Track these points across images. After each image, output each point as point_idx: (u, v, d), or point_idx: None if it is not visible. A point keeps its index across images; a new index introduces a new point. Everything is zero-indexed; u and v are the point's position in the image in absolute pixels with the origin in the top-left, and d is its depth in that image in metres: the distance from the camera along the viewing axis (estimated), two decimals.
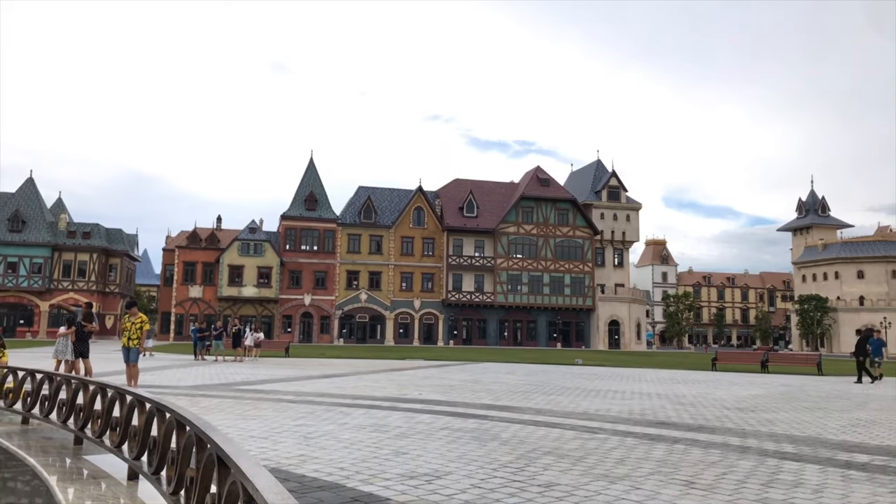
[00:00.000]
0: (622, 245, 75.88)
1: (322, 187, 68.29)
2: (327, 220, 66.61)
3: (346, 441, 7.63)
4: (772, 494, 5.47)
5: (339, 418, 9.62)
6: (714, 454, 7.35)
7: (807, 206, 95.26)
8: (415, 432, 8.43)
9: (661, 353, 64.28)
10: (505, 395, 14.10)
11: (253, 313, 63.47)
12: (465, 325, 69.08)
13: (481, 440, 7.91)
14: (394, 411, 10.63)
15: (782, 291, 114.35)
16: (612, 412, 11.29)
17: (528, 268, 69.81)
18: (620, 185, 75.95)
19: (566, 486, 5.61)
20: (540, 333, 69.94)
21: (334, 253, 66.48)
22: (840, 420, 10.99)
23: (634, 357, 44.41)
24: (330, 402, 11.92)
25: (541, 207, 70.89)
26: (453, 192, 72.07)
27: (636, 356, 46.75)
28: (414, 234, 68.49)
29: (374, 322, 67.06)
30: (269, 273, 64.16)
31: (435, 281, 68.40)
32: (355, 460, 6.51)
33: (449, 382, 17.30)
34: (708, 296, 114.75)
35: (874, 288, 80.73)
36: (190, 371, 20.30)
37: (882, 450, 7.98)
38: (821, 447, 8.06)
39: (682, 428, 9.51)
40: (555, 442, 7.92)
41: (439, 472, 6.02)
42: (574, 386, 17.08)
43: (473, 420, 9.78)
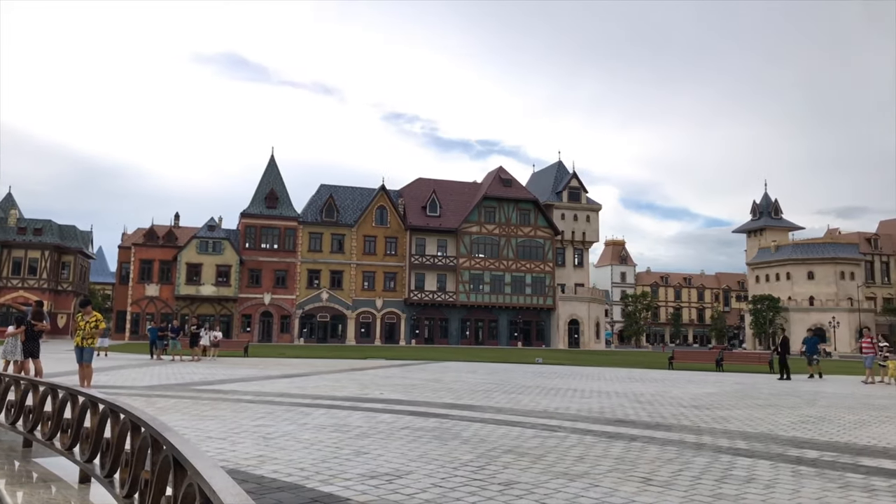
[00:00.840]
0: (582, 245, 76.78)
1: (283, 185, 67.55)
2: (288, 219, 65.91)
3: (306, 441, 7.57)
4: (725, 490, 5.59)
5: (299, 418, 9.52)
6: (670, 451, 7.49)
7: (760, 209, 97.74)
8: (376, 432, 8.40)
9: (620, 351, 65.24)
10: (466, 394, 14.14)
11: (211, 312, 62.44)
12: (428, 325, 69.09)
13: (442, 439, 7.92)
14: (355, 411, 10.57)
15: (737, 291, 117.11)
16: (572, 410, 11.42)
17: (490, 267, 70.14)
18: (581, 186, 76.85)
19: (526, 484, 5.65)
20: (501, 332, 70.34)
21: (295, 251, 65.82)
22: (790, 417, 11.29)
23: (594, 356, 44.97)
24: (290, 402, 11.80)
25: (503, 207, 71.30)
26: (416, 192, 72.02)
27: (595, 355, 47.34)
28: (376, 233, 68.23)
29: (335, 321, 66.59)
30: (228, 271, 63.20)
31: (397, 280, 68.25)
32: (315, 460, 6.46)
33: (410, 382, 17.28)
34: (665, 296, 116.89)
35: (823, 288, 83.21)
36: (146, 371, 19.87)
37: (831, 446, 8.23)
38: (772, 443, 8.28)
39: (640, 426, 9.67)
40: (515, 440, 7.97)
41: (400, 472, 6.01)
42: (534, 384, 17.22)
43: (434, 419, 9.78)
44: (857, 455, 7.55)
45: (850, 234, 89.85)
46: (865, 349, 22.10)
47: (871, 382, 21.01)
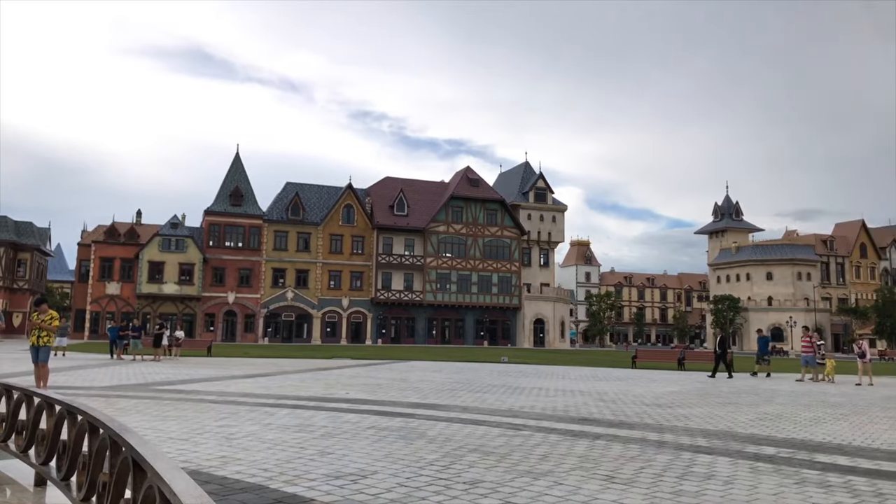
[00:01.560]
0: (548, 245, 77.40)
1: (248, 182, 66.76)
2: (253, 216, 65.15)
3: (269, 442, 7.49)
4: (686, 486, 5.69)
5: (262, 418, 9.42)
6: (633, 449, 7.59)
7: (722, 211, 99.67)
8: (341, 432, 8.35)
9: (584, 351, 65.92)
10: (432, 393, 14.14)
11: (174, 311, 61.41)
12: (394, 324, 68.93)
13: (408, 439, 7.91)
14: (320, 411, 10.49)
15: (698, 292, 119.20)
16: (537, 409, 11.49)
17: (457, 267, 70.27)
18: (547, 186, 77.46)
19: (491, 482, 5.67)
20: (467, 331, 70.54)
21: (260, 250, 65.09)
22: (749, 414, 11.53)
23: (558, 355, 45.36)
24: (254, 402, 11.66)
25: (470, 207, 71.50)
26: (384, 191, 71.79)
27: (560, 354, 47.75)
28: (343, 231, 67.83)
29: (300, 321, 66.03)
30: (191, 270, 62.22)
31: (364, 279, 67.95)
32: (279, 461, 6.40)
33: (376, 381, 17.22)
34: (629, 295, 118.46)
35: (781, 289, 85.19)
36: (106, 371, 19.45)
37: (787, 442, 8.43)
38: (731, 440, 8.45)
39: (604, 424, 9.78)
40: (480, 439, 8.00)
41: (365, 472, 5.98)
42: (500, 383, 17.29)
43: (400, 419, 9.76)
44: (813, 451, 7.74)
45: (807, 236, 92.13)
46: (804, 348, 22.48)
47: (814, 380, 21.36)
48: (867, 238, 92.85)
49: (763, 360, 24.36)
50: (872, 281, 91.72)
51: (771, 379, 22.95)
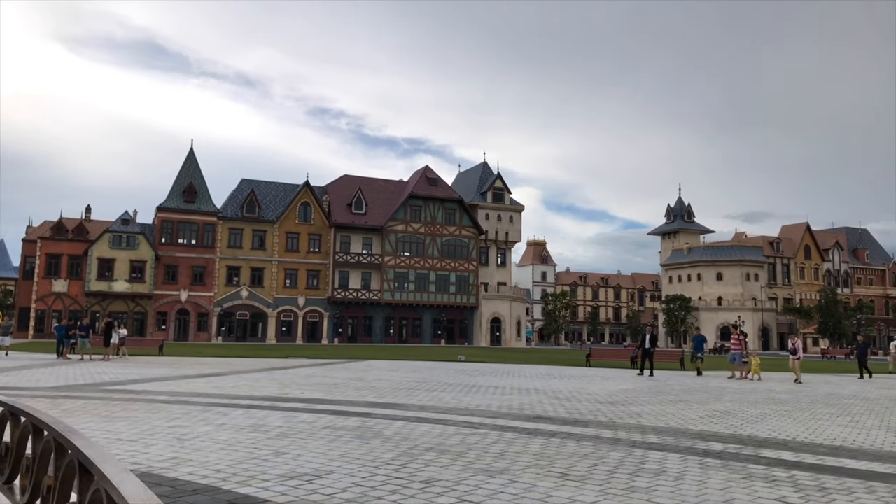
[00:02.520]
0: (505, 245, 77.93)
1: (202, 179, 65.51)
2: (207, 213, 63.96)
3: (223, 442, 7.37)
4: (638, 483, 5.80)
5: (216, 419, 9.27)
6: (587, 446, 7.70)
7: (674, 212, 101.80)
8: (296, 432, 8.27)
9: (540, 349, 66.58)
10: (389, 392, 14.10)
11: (124, 309, 59.89)
12: (351, 323, 68.50)
13: (364, 438, 7.88)
14: (274, 411, 10.37)
15: (651, 291, 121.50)
16: (493, 407, 11.57)
17: (415, 266, 70.22)
18: (505, 186, 77.97)
19: (447, 481, 5.69)
20: (425, 331, 70.55)
21: (214, 247, 63.95)
22: (699, 411, 11.82)
23: (515, 353, 45.71)
24: (207, 402, 11.46)
25: (429, 206, 71.51)
26: (342, 189, 71.27)
27: (516, 353, 48.14)
28: (300, 229, 67.11)
29: (255, 320, 65.10)
30: (142, 267, 60.75)
31: (321, 278, 67.36)
32: (233, 461, 6.30)
33: (332, 381, 17.09)
34: (584, 295, 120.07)
35: (731, 289, 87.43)
36: (52, 371, 18.86)
37: (735, 438, 8.67)
38: (682, 437, 8.64)
39: (559, 422, 9.90)
40: (437, 438, 8.01)
41: (320, 472, 5.94)
42: (457, 382, 17.35)
43: (356, 418, 9.71)
44: (759, 447, 7.98)
45: (756, 238, 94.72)
46: (733, 347, 22.86)
47: (740, 377, 21.78)
48: (811, 240, 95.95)
49: (697, 359, 24.74)
50: (816, 282, 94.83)
51: (702, 377, 23.14)
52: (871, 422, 11.00)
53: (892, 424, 10.71)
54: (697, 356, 24.80)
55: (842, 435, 9.26)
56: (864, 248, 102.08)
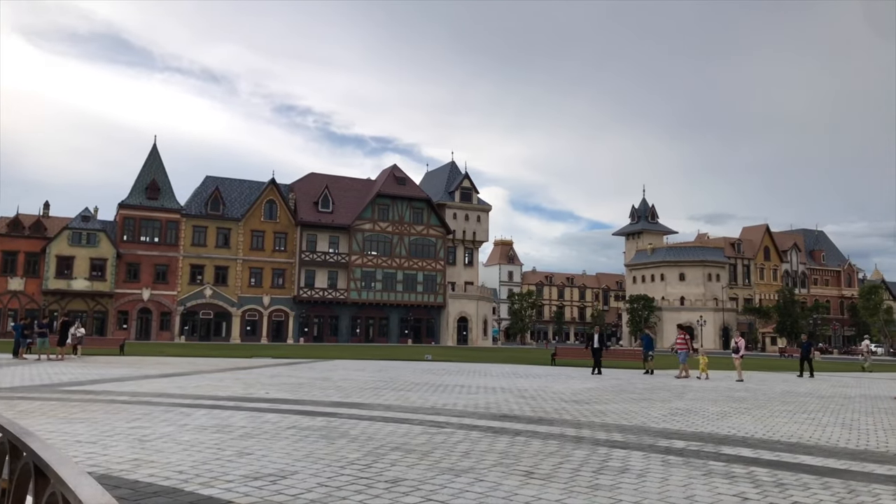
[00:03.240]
0: (472, 245, 78.16)
1: (166, 175, 64.39)
2: (170, 211, 62.88)
3: (185, 443, 7.26)
4: (602, 480, 5.87)
5: (178, 419, 9.12)
6: (552, 445, 7.77)
7: (639, 213, 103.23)
8: (260, 432, 8.18)
9: (506, 348, 66.92)
10: (354, 391, 14.04)
11: (84, 308, 58.56)
12: (317, 323, 67.99)
13: (329, 438, 7.83)
14: (238, 411, 10.25)
15: (615, 291, 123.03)
16: (459, 406, 11.60)
17: (382, 265, 70.00)
18: (472, 186, 78.19)
19: (413, 480, 5.69)
20: (392, 330, 70.39)
21: (177, 245, 62.90)
22: (662, 410, 12.00)
23: (481, 353, 45.87)
24: (169, 402, 11.27)
25: (396, 205, 71.36)
26: (308, 187, 70.70)
27: (483, 352, 48.32)
28: (265, 227, 66.40)
29: (219, 319, 64.21)
30: (103, 265, 59.46)
31: (286, 277, 66.74)
32: (195, 462, 6.21)
33: (297, 380, 16.95)
34: (549, 294, 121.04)
35: (693, 289, 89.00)
36: (9, 371, 18.35)
37: (696, 436, 8.83)
38: (645, 435, 8.77)
39: (524, 420, 9.96)
40: (403, 437, 8.01)
41: (285, 472, 5.89)
42: (423, 381, 17.35)
43: (322, 418, 9.65)
44: (719, 444, 8.14)
45: (717, 239, 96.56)
46: (679, 346, 23.00)
47: (686, 377, 21.83)
48: (771, 242, 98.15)
49: (648, 357, 24.86)
50: (775, 282, 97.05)
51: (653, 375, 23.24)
52: (826, 419, 11.30)
53: (847, 421, 11.02)
54: (649, 354, 24.91)
55: (798, 432, 9.49)
56: (820, 249, 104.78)
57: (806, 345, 26.67)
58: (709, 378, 22.07)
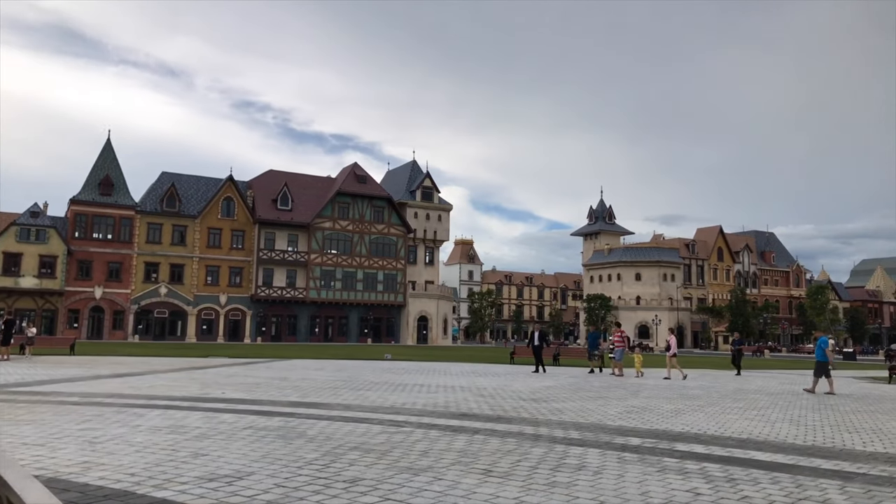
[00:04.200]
0: (433, 244, 78.21)
1: (120, 171, 62.84)
2: (124, 207, 61.40)
3: (138, 445, 7.10)
4: (559, 478, 5.94)
5: (131, 420, 8.92)
6: (510, 443, 7.82)
7: (596, 214, 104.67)
8: (216, 433, 8.06)
9: (466, 347, 67.13)
10: (313, 391, 13.92)
11: (32, 306, 56.79)
12: (275, 322, 67.20)
13: (287, 438, 7.76)
14: (193, 411, 10.07)
15: (573, 290, 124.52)
16: (418, 405, 11.60)
17: (342, 264, 69.52)
18: (434, 186, 78.23)
19: (371, 480, 5.67)
20: (351, 329, 69.98)
21: (131, 242, 61.47)
22: (618, 407, 12.19)
23: (441, 351, 45.93)
24: (121, 403, 11.01)
25: (357, 204, 70.95)
26: (267, 184, 69.80)
27: (442, 350, 48.38)
28: (222, 225, 65.33)
29: (174, 317, 62.97)
30: (53, 262, 57.74)
31: (244, 275, 65.79)
32: (148, 464, 6.08)
33: (254, 380, 16.73)
34: (509, 293, 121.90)
35: (649, 289, 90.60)
36: None
37: (651, 433, 8.99)
38: (601, 433, 8.90)
39: (483, 419, 10.01)
40: (361, 437, 7.97)
41: (241, 473, 5.81)
42: (382, 381, 17.29)
43: (279, 418, 9.55)
44: (673, 441, 8.30)
45: (672, 240, 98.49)
46: (617, 343, 22.98)
47: (620, 375, 21.97)
48: (724, 243, 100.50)
49: (593, 356, 24.92)
50: (727, 282, 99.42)
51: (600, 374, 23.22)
52: (775, 415, 11.62)
53: (795, 417, 11.36)
54: (594, 353, 24.94)
55: (748, 428, 9.75)
56: (771, 250, 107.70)
57: (737, 342, 27.32)
58: (643, 375, 22.19)
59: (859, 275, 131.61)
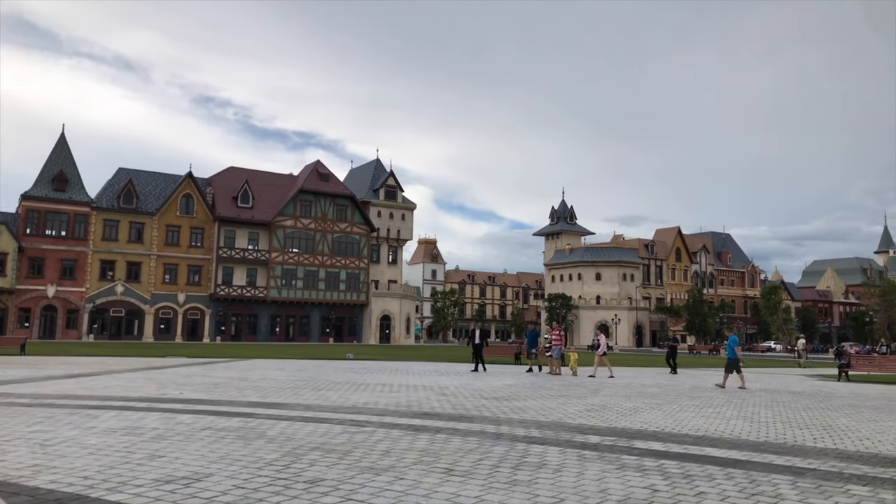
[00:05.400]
0: (397, 243, 78.00)
1: (74, 166, 61.21)
2: (79, 203, 59.82)
3: (91, 447, 6.94)
4: (520, 476, 5.99)
5: (84, 422, 8.71)
6: (472, 441, 7.86)
7: (558, 214, 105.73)
8: (174, 434, 7.92)
9: (428, 346, 67.15)
10: (273, 391, 13.78)
11: None
12: (235, 321, 66.24)
13: (246, 439, 7.66)
14: (150, 412, 9.88)
15: (535, 290, 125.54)
16: (380, 405, 11.57)
17: (304, 262, 68.87)
18: (397, 184, 78.02)
19: (332, 480, 5.64)
20: (313, 329, 69.39)
21: (87, 239, 59.93)
22: (578, 406, 12.34)
23: (403, 351, 45.86)
24: (74, 404, 10.74)
25: (319, 202, 70.35)
26: (227, 181, 68.75)
27: (405, 350, 48.31)
28: (181, 222, 64.13)
29: (131, 317, 61.60)
30: (3, 259, 55.96)
31: (203, 274, 64.69)
32: (102, 467, 5.95)
33: (213, 380, 16.48)
34: (471, 293, 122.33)
35: (609, 288, 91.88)
36: None
37: (610, 431, 9.12)
38: (562, 431, 9.00)
39: (445, 418, 10.04)
40: (322, 437, 7.92)
41: (199, 475, 5.72)
42: (344, 380, 17.20)
43: (239, 418, 9.43)
44: (632, 439, 8.44)
45: (632, 241, 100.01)
46: (554, 342, 23.00)
47: (558, 373, 22.19)
48: (682, 243, 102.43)
49: (531, 354, 25.10)
50: (685, 283, 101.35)
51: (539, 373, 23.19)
52: (730, 412, 11.90)
53: (749, 414, 11.65)
54: (532, 352, 25.07)
55: (704, 425, 9.96)
56: (727, 251, 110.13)
57: (672, 340, 27.66)
58: (576, 375, 22.15)
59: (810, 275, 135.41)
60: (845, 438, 9.02)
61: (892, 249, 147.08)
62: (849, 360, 25.52)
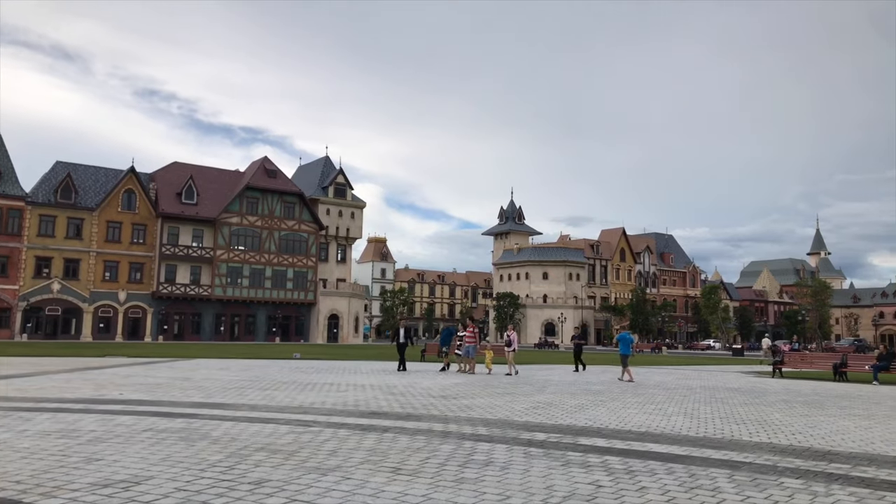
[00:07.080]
0: (346, 241, 77.40)
1: (8, 159, 58.73)
2: (13, 197, 57.41)
3: (24, 450, 6.68)
4: (467, 474, 6.03)
5: (16, 425, 8.38)
6: (420, 440, 7.87)
7: (507, 214, 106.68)
8: (112, 436, 7.69)
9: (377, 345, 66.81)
10: (217, 391, 13.51)
11: None
12: (178, 320, 64.64)
13: (189, 440, 7.50)
14: (88, 414, 9.56)
15: (483, 289, 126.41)
16: (327, 405, 11.47)
17: (250, 260, 67.69)
18: (347, 182, 77.41)
19: (278, 481, 5.57)
20: (259, 328, 68.28)
21: (20, 235, 57.55)
22: (525, 403, 12.49)
23: (352, 350, 45.55)
24: (5, 406, 10.31)
25: (267, 199, 69.24)
26: (171, 176, 67.01)
27: (353, 349, 47.99)
28: (122, 218, 62.22)
29: (68, 315, 59.46)
30: None
31: (145, 271, 62.92)
32: (36, 471, 5.74)
33: (155, 380, 16.06)
34: (421, 291, 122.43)
35: (555, 287, 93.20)
36: None
37: (556, 428, 9.26)
38: (508, 428, 9.09)
39: (392, 417, 10.02)
40: (268, 438, 7.82)
41: (139, 478, 5.57)
42: (291, 380, 16.99)
43: (181, 419, 9.22)
44: (577, 435, 8.59)
45: (578, 241, 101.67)
46: (468, 340, 22.66)
47: (465, 371, 22.18)
48: (626, 244, 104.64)
49: (442, 353, 25.05)
50: (629, 282, 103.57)
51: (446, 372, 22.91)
52: (671, 409, 12.23)
53: (689, 410, 11.99)
54: (443, 350, 24.98)
55: (647, 421, 10.21)
56: (670, 252, 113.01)
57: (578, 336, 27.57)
58: (491, 373, 22.21)
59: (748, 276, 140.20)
60: (779, 433, 9.37)
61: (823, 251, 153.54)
62: (783, 357, 26.52)
